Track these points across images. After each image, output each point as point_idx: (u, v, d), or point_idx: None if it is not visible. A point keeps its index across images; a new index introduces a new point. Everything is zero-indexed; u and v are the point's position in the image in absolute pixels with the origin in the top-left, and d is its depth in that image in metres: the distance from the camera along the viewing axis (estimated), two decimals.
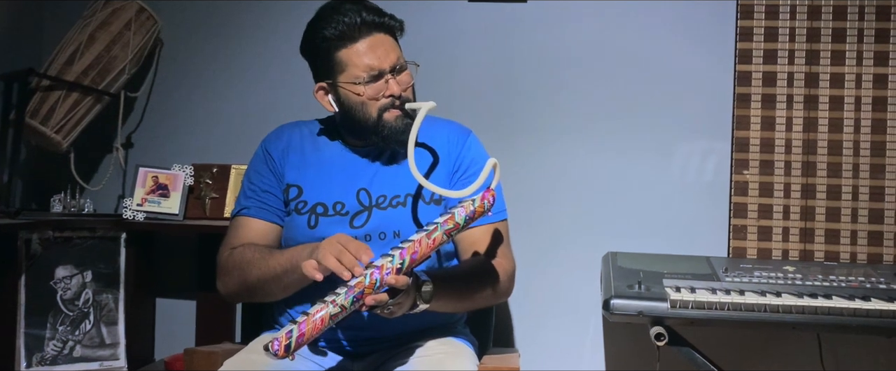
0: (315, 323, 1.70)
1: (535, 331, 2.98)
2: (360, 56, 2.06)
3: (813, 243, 2.82)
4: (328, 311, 1.71)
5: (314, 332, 1.71)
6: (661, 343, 2.21)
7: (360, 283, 1.72)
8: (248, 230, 2.16)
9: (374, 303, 1.74)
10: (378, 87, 2.07)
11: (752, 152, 2.84)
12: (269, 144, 2.24)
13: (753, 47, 2.86)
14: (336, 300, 1.71)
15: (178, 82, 3.23)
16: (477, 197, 1.88)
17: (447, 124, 2.27)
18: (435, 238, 1.82)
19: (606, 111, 2.95)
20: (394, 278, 1.74)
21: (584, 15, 2.98)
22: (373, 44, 2.07)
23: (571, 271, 2.94)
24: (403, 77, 2.11)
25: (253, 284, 2.05)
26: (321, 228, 2.10)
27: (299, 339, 1.69)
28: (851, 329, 2.23)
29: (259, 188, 2.19)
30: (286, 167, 2.19)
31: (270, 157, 2.21)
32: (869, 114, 2.80)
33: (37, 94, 2.89)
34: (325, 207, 2.12)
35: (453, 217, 1.85)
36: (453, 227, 1.84)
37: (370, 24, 2.07)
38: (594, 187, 2.95)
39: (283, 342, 1.68)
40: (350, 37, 2.06)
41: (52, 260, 2.86)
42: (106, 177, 3.15)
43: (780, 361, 2.83)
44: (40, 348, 2.81)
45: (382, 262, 1.76)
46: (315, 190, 2.15)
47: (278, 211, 2.18)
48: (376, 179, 2.15)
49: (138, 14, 3.03)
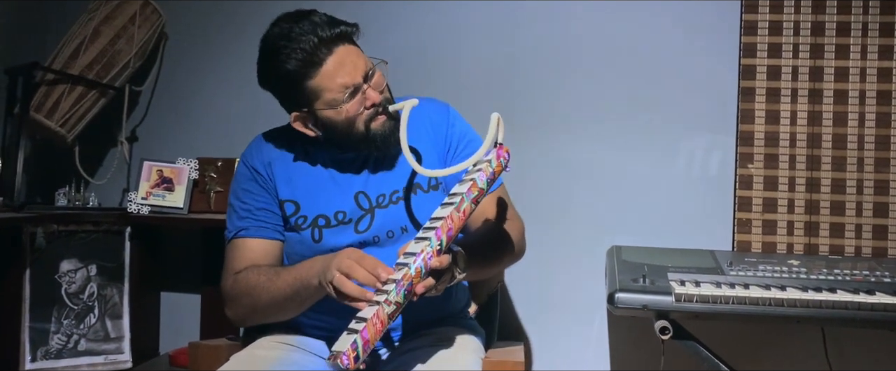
0: (375, 326, 1.66)
1: (539, 324, 2.99)
2: (331, 78, 1.96)
3: (817, 237, 2.81)
4: (385, 311, 1.67)
5: (377, 335, 1.66)
6: (666, 337, 2.20)
7: (406, 275, 1.69)
8: (248, 252, 2.07)
9: (425, 289, 1.72)
10: (358, 101, 1.98)
11: (756, 146, 2.84)
12: (252, 160, 2.14)
13: (758, 41, 2.85)
14: (389, 298, 1.68)
15: (182, 76, 3.23)
16: (492, 156, 1.86)
17: (425, 103, 2.13)
18: (465, 209, 1.79)
19: (610, 105, 2.95)
20: (437, 260, 1.71)
21: (588, 9, 2.97)
22: (339, 61, 1.96)
23: (576, 265, 2.94)
24: (377, 80, 2.01)
25: (265, 308, 2.00)
26: (326, 240, 2.06)
27: (365, 346, 1.64)
28: (856, 323, 2.22)
29: (252, 206, 2.10)
30: (276, 181, 2.11)
31: (257, 172, 2.12)
32: (873, 108, 2.80)
33: (41, 88, 2.89)
34: (327, 219, 2.07)
35: (476, 183, 1.82)
36: (478, 194, 1.82)
37: (329, 41, 1.95)
38: (598, 181, 2.95)
39: (351, 354, 1.62)
40: (314, 62, 1.95)
41: (57, 254, 2.86)
42: (110, 170, 3.15)
43: (784, 355, 2.83)
44: (45, 342, 2.81)
45: (420, 247, 1.73)
46: (312, 203, 2.09)
47: (277, 226, 2.11)
48: (371, 180, 2.10)
49: (143, 8, 3.03)
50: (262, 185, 2.11)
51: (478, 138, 2.16)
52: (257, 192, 2.11)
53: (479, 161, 1.88)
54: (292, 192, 2.10)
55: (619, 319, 2.89)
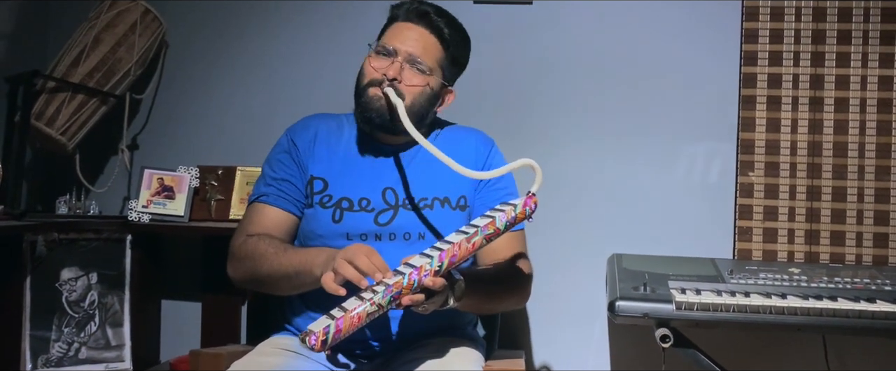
0: (352, 319, 1.69)
1: (540, 332, 2.98)
2: (393, 31, 2.16)
3: (818, 245, 2.81)
4: (365, 309, 1.70)
5: (350, 328, 1.70)
6: (667, 345, 2.20)
7: (397, 283, 1.72)
8: (264, 218, 2.15)
9: (411, 303, 1.74)
10: (382, 62, 2.11)
11: (757, 154, 2.84)
12: (295, 134, 2.24)
13: (758, 49, 2.86)
14: (374, 299, 1.71)
15: (183, 84, 3.23)
16: (519, 202, 1.88)
17: (472, 132, 2.32)
18: (474, 242, 1.81)
19: (611, 113, 2.95)
20: (431, 280, 1.74)
21: (589, 17, 2.98)
22: (409, 29, 2.14)
23: (576, 273, 2.94)
24: (413, 74, 2.12)
25: (262, 278, 2.05)
26: (346, 223, 2.10)
27: (336, 334, 1.69)
28: (857, 331, 2.22)
29: (280, 176, 2.18)
30: (312, 159, 2.19)
31: (295, 146, 2.21)
32: (874, 116, 2.80)
33: (42, 96, 2.89)
34: (351, 203, 2.12)
35: (494, 222, 1.84)
36: (493, 233, 1.84)
37: (420, 15, 2.16)
38: (599, 189, 2.95)
39: (320, 337, 1.67)
40: (402, 16, 2.16)
41: (58, 262, 2.86)
42: (111, 179, 3.15)
43: (785, 363, 2.82)
44: (46, 350, 2.81)
45: (421, 262, 1.75)
46: (341, 184, 2.15)
47: (297, 201, 2.17)
48: (405, 180, 2.16)
49: (144, 16, 3.03)
50: (294, 158, 2.20)
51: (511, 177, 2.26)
52: (288, 164, 2.20)
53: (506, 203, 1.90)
54: (325, 170, 2.18)
55: (619, 327, 2.89)
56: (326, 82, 3.04)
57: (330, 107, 2.43)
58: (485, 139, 2.31)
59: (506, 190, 2.23)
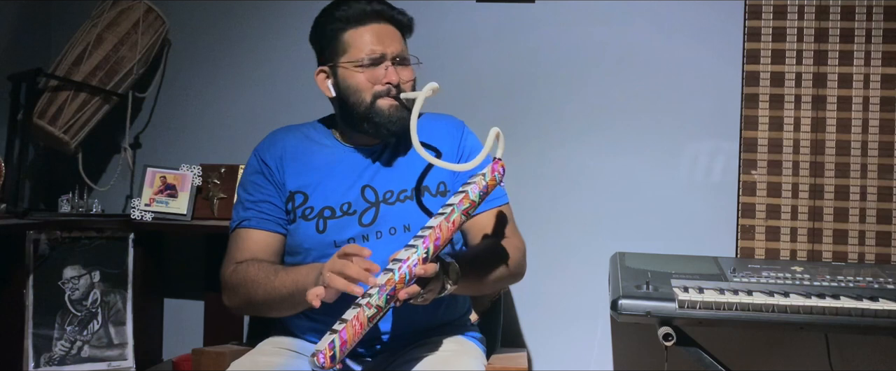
0: (355, 328, 1.68)
1: (543, 331, 2.98)
2: (363, 38, 2.10)
3: (821, 244, 2.81)
4: (366, 314, 1.69)
5: (356, 337, 1.68)
6: (669, 343, 2.20)
7: (390, 281, 1.71)
8: (250, 243, 2.13)
9: (408, 296, 1.73)
10: (377, 72, 2.09)
11: (760, 152, 2.84)
12: (264, 153, 2.21)
13: (761, 47, 2.85)
14: (371, 302, 1.70)
15: (186, 83, 3.23)
16: (487, 170, 1.88)
17: (441, 118, 2.29)
18: (454, 220, 1.81)
19: (614, 111, 2.95)
20: (422, 268, 1.73)
21: (592, 15, 2.97)
22: (378, 31, 2.11)
23: (579, 271, 2.94)
24: (405, 71, 2.13)
25: (259, 304, 2.04)
26: (330, 232, 2.09)
27: (343, 347, 1.67)
28: (859, 329, 2.22)
29: (257, 198, 2.16)
30: (286, 175, 2.17)
31: (266, 165, 2.18)
32: (877, 114, 2.80)
33: (45, 95, 2.89)
34: (333, 210, 2.11)
35: (467, 195, 1.84)
36: (469, 206, 1.84)
37: (379, 13, 2.13)
38: (602, 187, 2.95)
39: (328, 353, 1.65)
40: (358, 20, 2.11)
41: (60, 260, 2.86)
42: (114, 177, 3.15)
43: (788, 362, 2.82)
44: (48, 348, 2.81)
45: (407, 254, 1.74)
46: (320, 194, 2.14)
47: (279, 220, 2.16)
48: (379, 176, 2.15)
49: (146, 14, 3.03)
50: (268, 177, 2.18)
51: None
52: (263, 185, 2.18)
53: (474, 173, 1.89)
54: (302, 183, 2.16)
55: (622, 326, 2.89)
56: None
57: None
58: (455, 123, 2.28)
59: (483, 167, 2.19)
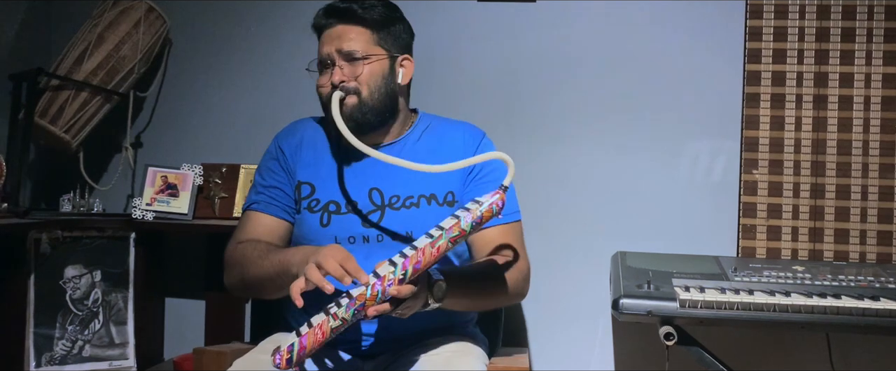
0: (316, 336, 1.70)
1: (544, 331, 2.98)
2: (319, 44, 2.17)
3: (822, 243, 2.81)
4: (329, 325, 1.70)
5: (315, 344, 1.70)
6: (671, 343, 2.20)
7: (361, 295, 1.70)
8: (256, 225, 2.16)
9: (377, 313, 1.73)
10: (326, 73, 2.14)
11: (761, 152, 2.84)
12: (282, 140, 2.25)
13: (762, 47, 2.85)
14: (337, 313, 1.70)
15: (187, 82, 3.23)
16: (485, 200, 1.83)
17: (461, 125, 2.28)
18: (439, 246, 1.77)
19: (615, 111, 2.95)
20: (396, 289, 1.72)
21: (593, 14, 2.97)
22: (331, 33, 2.15)
23: (580, 271, 2.94)
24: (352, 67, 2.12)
25: (250, 282, 2.07)
26: (333, 227, 2.10)
27: (300, 352, 1.69)
28: (861, 329, 2.22)
29: (269, 184, 2.19)
30: (298, 164, 2.19)
31: (282, 153, 2.22)
32: (878, 113, 2.80)
33: (46, 94, 2.89)
34: (338, 205, 2.12)
35: (459, 223, 1.80)
36: (459, 235, 1.79)
37: (329, 15, 2.16)
38: (603, 187, 2.95)
39: (285, 356, 1.68)
40: (319, 26, 2.18)
41: (62, 260, 2.86)
42: (115, 176, 3.15)
43: (789, 361, 2.82)
44: (50, 348, 2.81)
45: (385, 271, 1.73)
46: (328, 188, 2.15)
47: (288, 207, 2.18)
48: (389, 179, 2.14)
49: (147, 14, 3.03)
50: (282, 165, 2.22)
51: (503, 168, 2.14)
52: (277, 171, 2.21)
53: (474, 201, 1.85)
54: (312, 174, 2.18)
55: (623, 325, 2.88)
56: None
57: None
58: (473, 131, 2.28)
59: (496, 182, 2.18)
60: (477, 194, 1.97)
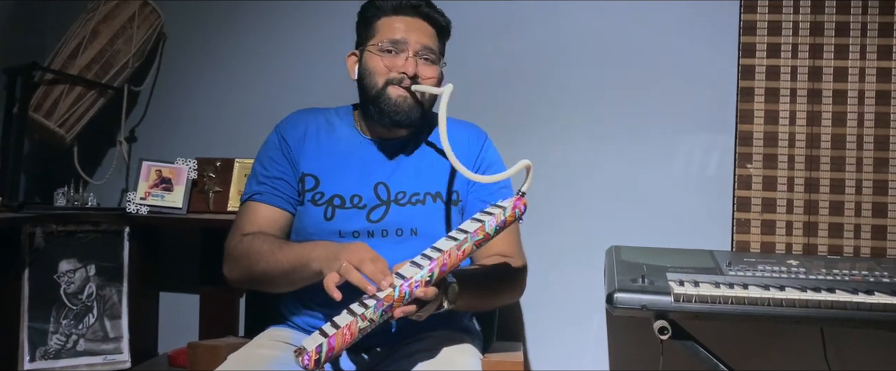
0: (344, 336, 1.68)
1: (538, 325, 2.98)
2: (393, 25, 2.11)
3: (816, 237, 2.81)
4: (358, 325, 1.69)
5: (343, 345, 1.68)
6: (665, 337, 2.20)
7: (389, 296, 1.70)
8: (258, 216, 2.13)
9: (403, 314, 1.73)
10: (397, 60, 2.09)
11: (755, 146, 2.84)
12: (285, 130, 2.21)
13: (757, 41, 2.85)
14: (365, 314, 1.69)
15: (181, 76, 3.23)
16: (508, 205, 1.84)
17: (465, 125, 2.28)
18: (465, 249, 1.78)
19: (610, 105, 2.95)
20: (423, 291, 1.72)
21: (588, 10, 2.97)
22: (409, 22, 2.12)
23: (575, 265, 2.94)
24: (427, 67, 2.12)
25: (258, 276, 2.03)
26: (337, 221, 2.09)
27: (329, 352, 1.67)
28: (855, 323, 2.22)
29: (272, 174, 2.16)
30: (302, 155, 2.16)
31: (286, 143, 2.18)
32: (872, 108, 2.80)
33: (40, 88, 2.89)
34: (343, 199, 2.11)
35: (483, 227, 1.80)
36: (483, 238, 1.80)
37: (416, 8, 2.14)
38: (597, 181, 2.95)
39: (314, 357, 1.65)
40: (394, 10, 2.13)
41: (56, 254, 2.86)
42: (109, 171, 3.15)
43: (783, 355, 2.83)
44: (44, 342, 2.81)
45: (411, 273, 1.73)
46: (332, 181, 2.13)
47: (290, 199, 2.15)
48: (396, 175, 2.14)
49: (142, 8, 3.03)
50: (285, 155, 2.18)
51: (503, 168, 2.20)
52: (279, 162, 2.17)
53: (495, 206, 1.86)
54: (316, 166, 2.16)
55: (618, 320, 2.89)
56: (324, 75, 3.04)
57: (328, 99, 2.42)
58: (477, 132, 2.29)
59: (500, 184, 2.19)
60: (481, 195, 1.98)
